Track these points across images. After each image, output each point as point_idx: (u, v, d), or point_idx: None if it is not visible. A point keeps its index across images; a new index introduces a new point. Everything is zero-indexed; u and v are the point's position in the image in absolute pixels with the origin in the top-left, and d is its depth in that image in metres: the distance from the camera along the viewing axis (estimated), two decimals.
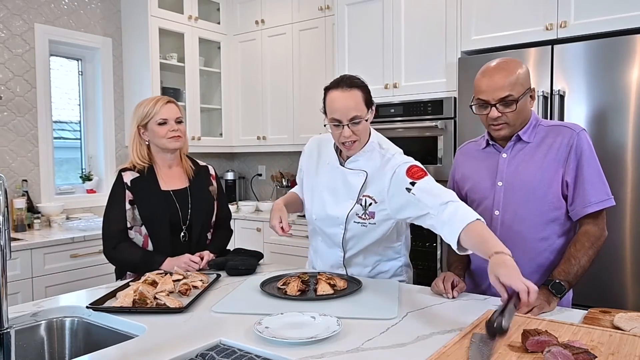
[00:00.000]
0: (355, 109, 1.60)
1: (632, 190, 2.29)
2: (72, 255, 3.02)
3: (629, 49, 2.29)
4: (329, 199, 1.78)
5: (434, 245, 2.98)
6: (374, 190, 1.70)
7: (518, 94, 1.52)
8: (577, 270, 1.47)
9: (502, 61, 1.57)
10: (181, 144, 2.01)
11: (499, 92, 1.52)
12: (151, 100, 1.98)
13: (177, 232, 1.96)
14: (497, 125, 1.57)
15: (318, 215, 1.82)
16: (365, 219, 1.72)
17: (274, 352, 1.10)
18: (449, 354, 1.07)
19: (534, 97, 1.60)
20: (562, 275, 1.46)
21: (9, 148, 3.30)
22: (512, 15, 2.68)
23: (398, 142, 3.16)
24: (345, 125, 1.61)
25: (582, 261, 1.48)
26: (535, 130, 1.61)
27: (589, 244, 1.50)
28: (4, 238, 1.07)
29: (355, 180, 1.72)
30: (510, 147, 1.63)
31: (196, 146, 4.02)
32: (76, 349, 1.44)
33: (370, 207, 1.70)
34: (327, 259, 1.87)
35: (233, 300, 1.51)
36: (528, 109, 1.59)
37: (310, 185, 1.88)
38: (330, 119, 1.64)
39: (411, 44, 3.07)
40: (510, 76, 1.52)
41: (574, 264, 1.47)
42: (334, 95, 1.62)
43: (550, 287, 1.43)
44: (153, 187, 1.95)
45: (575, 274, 1.47)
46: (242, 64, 4.27)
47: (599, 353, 1.04)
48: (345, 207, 1.73)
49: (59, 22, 3.55)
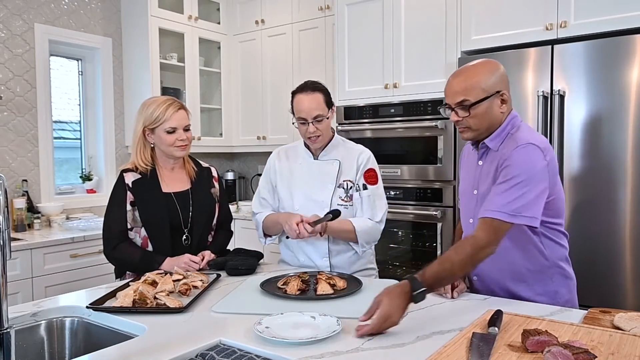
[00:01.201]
0: (318, 108, 1.89)
1: (632, 190, 2.29)
2: (72, 255, 3.02)
3: (629, 49, 2.29)
4: (309, 188, 1.97)
5: (434, 246, 2.98)
6: (349, 175, 1.97)
7: (475, 99, 1.48)
8: (447, 277, 1.38)
9: (467, 65, 1.55)
10: (187, 153, 2.00)
11: (455, 97, 1.52)
12: (162, 104, 1.91)
13: (178, 234, 1.96)
14: (460, 128, 1.57)
15: (301, 204, 1.96)
16: (347, 202, 1.96)
17: (274, 352, 1.10)
18: (449, 354, 1.07)
19: (505, 101, 1.52)
20: (432, 279, 1.32)
21: (9, 148, 3.30)
22: (512, 15, 2.68)
23: (398, 142, 3.19)
24: (310, 123, 1.89)
25: (455, 268, 1.37)
26: (504, 138, 1.54)
27: (470, 251, 1.39)
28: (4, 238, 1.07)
29: (330, 168, 1.98)
30: (484, 155, 1.60)
31: (196, 146, 4.01)
32: (76, 349, 1.44)
33: (350, 190, 1.96)
34: (309, 250, 1.96)
35: (233, 300, 1.51)
36: (495, 113, 1.52)
37: (287, 185, 2.03)
38: (297, 118, 1.93)
39: (411, 44, 3.07)
40: (467, 81, 1.50)
41: (447, 268, 1.36)
42: (299, 98, 1.92)
43: (415, 294, 1.27)
44: (154, 190, 1.94)
45: (443, 280, 1.38)
46: (242, 64, 4.27)
47: (599, 353, 1.04)
48: (328, 191, 1.95)
49: (59, 22, 3.55)
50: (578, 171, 2.42)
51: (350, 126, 3.24)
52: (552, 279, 1.57)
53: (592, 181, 2.39)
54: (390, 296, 1.25)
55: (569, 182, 2.45)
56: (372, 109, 3.19)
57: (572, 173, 2.44)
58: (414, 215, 3.04)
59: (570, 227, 2.43)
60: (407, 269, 3.11)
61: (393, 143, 3.13)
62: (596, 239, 2.38)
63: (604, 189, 2.35)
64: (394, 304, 1.23)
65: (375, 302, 1.25)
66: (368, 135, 3.19)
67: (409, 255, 3.13)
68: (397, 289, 1.28)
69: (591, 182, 2.39)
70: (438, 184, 2.97)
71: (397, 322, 1.24)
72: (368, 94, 3.22)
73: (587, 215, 2.40)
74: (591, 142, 2.39)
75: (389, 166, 3.09)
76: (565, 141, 2.45)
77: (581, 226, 2.41)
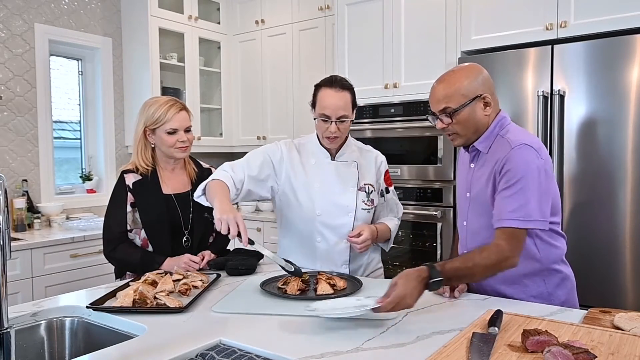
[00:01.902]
0: (344, 108, 1.77)
1: (632, 190, 2.29)
2: (72, 255, 3.02)
3: (629, 49, 2.29)
4: (331, 190, 1.85)
5: (434, 246, 2.98)
6: (369, 179, 1.91)
7: (457, 105, 1.49)
8: (465, 276, 1.41)
9: (449, 72, 1.55)
10: (187, 154, 1.99)
11: (437, 105, 1.53)
12: (164, 104, 1.90)
13: (178, 235, 1.96)
14: (449, 135, 1.58)
15: (323, 209, 1.84)
16: (369, 206, 1.90)
17: (274, 352, 1.10)
18: (449, 354, 1.07)
19: (489, 104, 1.52)
20: (451, 273, 1.34)
21: (9, 148, 3.30)
22: (512, 15, 2.68)
23: (398, 142, 3.19)
24: (333, 122, 1.77)
25: (476, 272, 1.39)
26: (493, 139, 1.54)
27: (495, 260, 1.39)
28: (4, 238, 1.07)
29: (348, 170, 1.89)
30: (475, 158, 1.60)
31: (196, 146, 3.99)
32: (76, 349, 1.44)
33: (371, 194, 1.90)
34: (327, 258, 1.88)
35: (233, 300, 1.51)
36: (479, 116, 1.52)
37: (302, 183, 1.87)
38: (320, 114, 1.78)
39: (411, 44, 3.07)
40: (448, 88, 1.50)
41: (469, 267, 1.38)
42: (326, 93, 1.77)
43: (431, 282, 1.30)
44: (155, 191, 1.93)
45: (461, 278, 1.41)
46: (242, 64, 4.27)
47: (599, 353, 1.04)
48: (352, 195, 1.87)
49: (59, 22, 3.55)
50: (578, 171, 2.42)
51: (351, 126, 3.23)
52: (545, 281, 1.55)
53: (592, 181, 2.39)
54: (407, 279, 1.29)
55: (569, 182, 2.45)
56: (372, 109, 3.19)
57: (571, 173, 2.44)
58: (414, 215, 3.04)
59: (570, 227, 2.43)
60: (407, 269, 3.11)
61: (393, 143, 3.13)
62: (596, 239, 2.38)
63: (604, 189, 2.36)
64: (409, 286, 1.27)
65: (392, 284, 1.28)
66: (368, 135, 3.19)
67: (409, 255, 3.13)
68: (415, 273, 1.31)
69: (591, 182, 2.39)
70: (438, 184, 2.97)
71: (411, 305, 1.27)
72: (368, 93, 3.22)
73: (587, 215, 2.40)
74: (591, 142, 2.39)
75: (389, 166, 3.07)
76: (565, 141, 2.45)
77: (581, 226, 2.41)
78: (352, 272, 1.89)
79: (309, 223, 1.87)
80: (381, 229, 1.88)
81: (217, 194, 1.63)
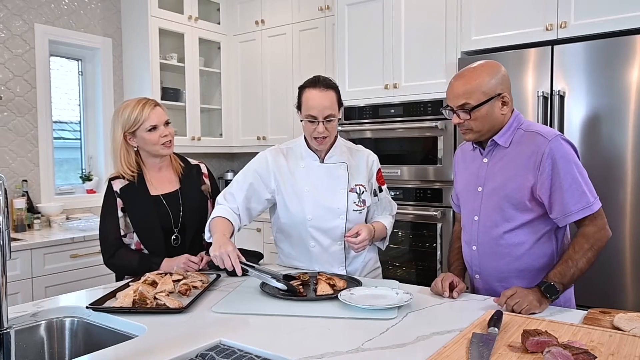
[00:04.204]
0: (330, 108, 1.75)
1: (632, 190, 2.29)
2: (72, 256, 3.02)
3: (629, 49, 2.29)
4: (320, 194, 1.84)
5: (434, 246, 2.98)
6: (360, 179, 1.90)
7: (476, 102, 1.50)
8: (574, 272, 1.45)
9: (469, 67, 1.56)
10: (172, 150, 1.98)
11: (456, 100, 1.53)
12: (137, 105, 1.89)
13: (170, 236, 1.95)
14: (462, 129, 1.59)
15: (314, 213, 1.84)
16: (361, 207, 1.88)
17: (274, 352, 1.10)
18: (449, 354, 1.07)
19: (506, 103, 1.54)
20: (557, 277, 1.42)
21: (9, 148, 3.30)
22: (512, 16, 2.68)
23: (398, 142, 3.19)
24: (320, 122, 1.75)
25: (579, 263, 1.44)
26: (513, 133, 1.57)
27: (587, 246, 1.46)
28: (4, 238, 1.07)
29: (338, 172, 1.87)
30: (490, 152, 1.61)
31: (196, 146, 4.02)
32: (76, 349, 1.44)
33: (363, 195, 1.89)
34: (324, 261, 1.88)
35: (233, 300, 1.51)
36: (496, 115, 1.53)
37: (291, 189, 1.87)
38: (306, 115, 1.77)
39: (411, 44, 3.07)
40: (467, 84, 1.51)
41: (570, 265, 1.44)
42: (311, 94, 1.76)
43: (542, 289, 1.40)
44: (142, 194, 1.92)
45: (572, 276, 1.45)
46: (242, 64, 4.27)
47: (598, 353, 1.04)
48: (342, 198, 1.85)
49: (59, 22, 3.55)
50: None
51: (351, 126, 3.24)
52: None
53: (592, 181, 2.35)
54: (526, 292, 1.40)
55: None
56: (372, 109, 3.19)
57: None
58: (413, 216, 3.04)
59: (570, 227, 2.43)
60: (407, 269, 3.12)
61: (393, 143, 3.13)
62: None
63: (604, 189, 2.35)
64: (525, 290, 1.41)
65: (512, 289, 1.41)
66: (368, 135, 3.19)
67: (408, 256, 3.13)
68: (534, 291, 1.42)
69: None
70: (438, 184, 2.97)
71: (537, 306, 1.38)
72: (368, 94, 3.22)
73: None
74: (591, 143, 2.39)
75: (389, 166, 3.09)
76: None
77: None
78: (349, 273, 1.88)
79: (301, 228, 1.87)
80: (378, 227, 1.88)
81: (215, 232, 1.70)
